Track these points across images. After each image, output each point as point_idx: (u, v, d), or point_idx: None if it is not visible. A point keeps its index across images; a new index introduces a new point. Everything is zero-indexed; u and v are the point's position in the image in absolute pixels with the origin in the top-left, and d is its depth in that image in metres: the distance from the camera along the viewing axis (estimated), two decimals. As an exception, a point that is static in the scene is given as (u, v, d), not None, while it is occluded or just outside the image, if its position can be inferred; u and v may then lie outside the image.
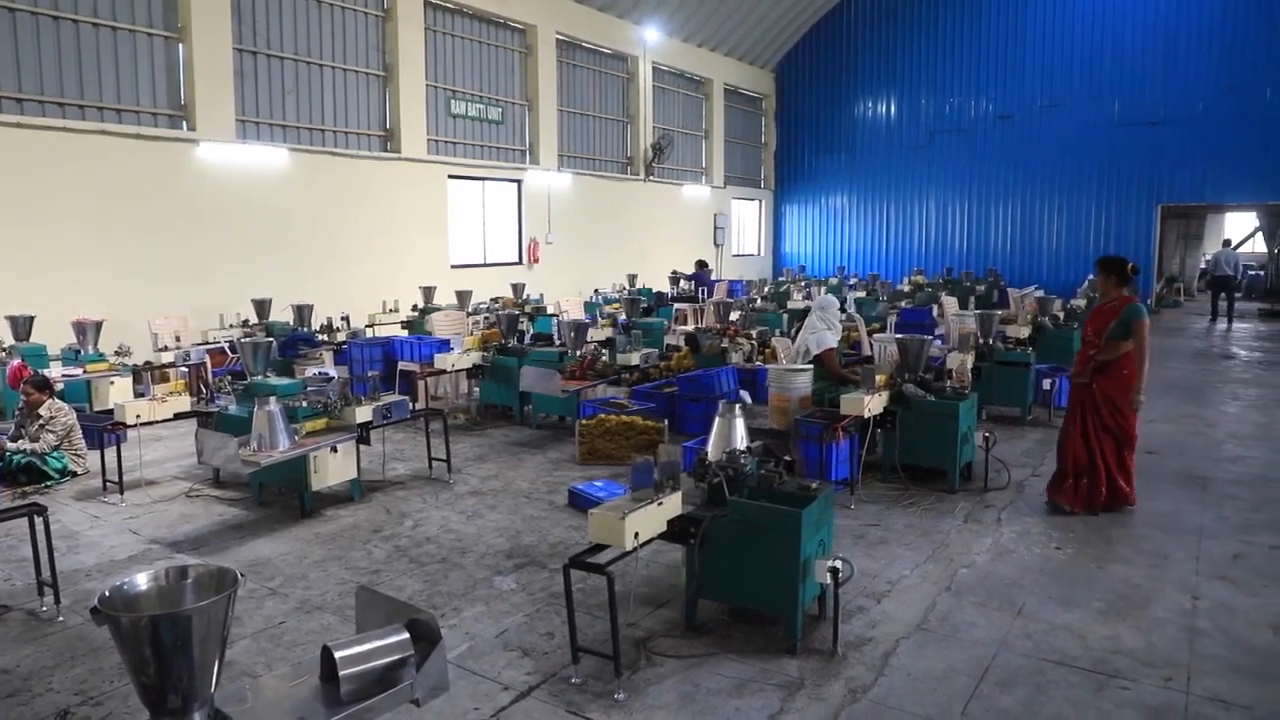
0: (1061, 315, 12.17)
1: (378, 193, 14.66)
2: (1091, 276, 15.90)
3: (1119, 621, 4.45)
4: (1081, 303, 14.31)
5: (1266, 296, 24.46)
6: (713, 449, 4.42)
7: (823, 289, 16.71)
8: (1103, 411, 6.04)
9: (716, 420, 4.46)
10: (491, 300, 14.56)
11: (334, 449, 6.18)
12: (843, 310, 9.75)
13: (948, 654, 4.11)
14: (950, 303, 14.14)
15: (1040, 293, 14.68)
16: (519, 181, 17.85)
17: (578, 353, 9.02)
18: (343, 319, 11.62)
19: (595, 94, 20.08)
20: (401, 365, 9.64)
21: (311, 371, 8.29)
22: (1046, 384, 8.88)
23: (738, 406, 4.47)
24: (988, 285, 18.28)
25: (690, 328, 12.82)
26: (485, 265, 17.27)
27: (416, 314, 13.13)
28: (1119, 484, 6.08)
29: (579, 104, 19.55)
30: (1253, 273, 26.44)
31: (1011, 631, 4.33)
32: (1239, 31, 19.86)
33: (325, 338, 10.88)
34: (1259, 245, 26.90)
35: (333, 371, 8.32)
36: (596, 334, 10.76)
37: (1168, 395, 10.52)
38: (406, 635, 2.16)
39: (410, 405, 6.95)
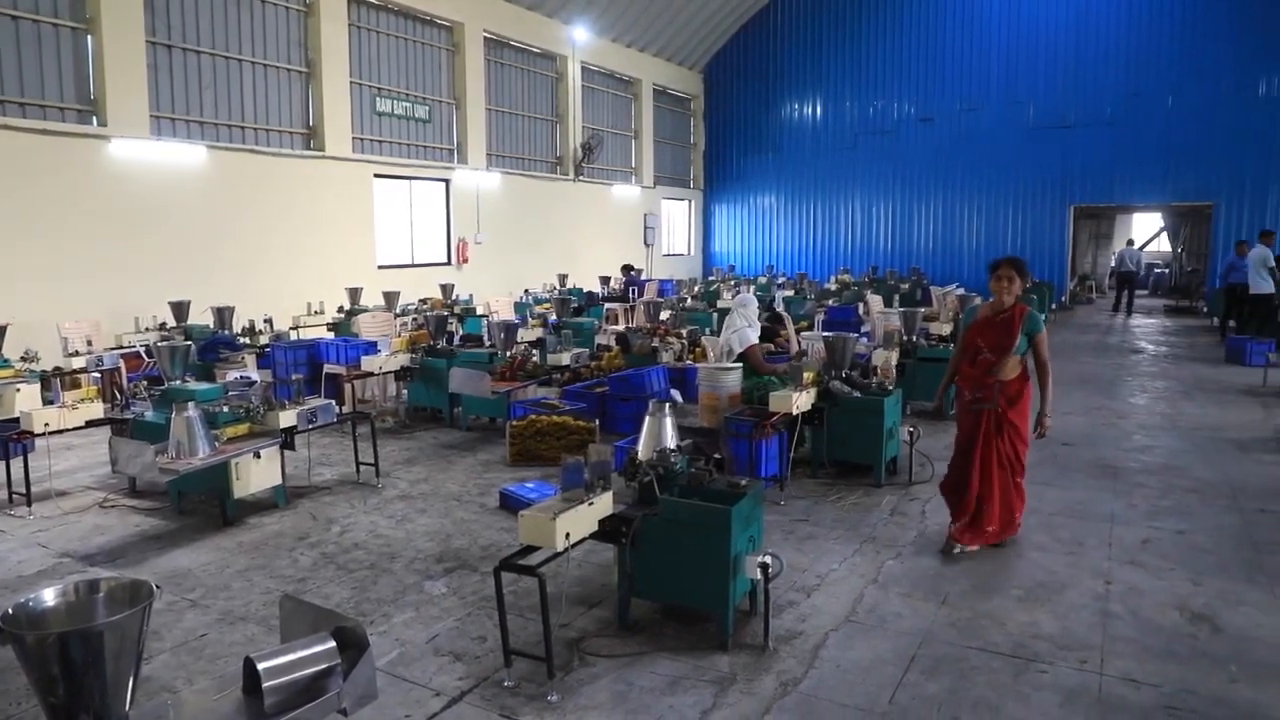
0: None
1: (301, 192, 14.33)
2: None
3: (1037, 607, 4.61)
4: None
5: (1171, 293, 25.67)
6: (643, 448, 4.43)
7: (751, 288, 16.93)
8: (1004, 439, 5.31)
9: (647, 419, 4.48)
10: (420, 301, 14.36)
11: (257, 455, 6.02)
12: (770, 309, 9.89)
13: (875, 644, 4.20)
14: (875, 301, 14.45)
15: (961, 290, 15.12)
16: (447, 181, 17.64)
17: (508, 353, 8.95)
18: (266, 321, 11.32)
19: (524, 93, 19.96)
20: (327, 368, 9.44)
21: (233, 376, 8.06)
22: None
23: (668, 405, 4.50)
24: (911, 284, 18.72)
25: (621, 327, 12.85)
26: (413, 266, 17.02)
27: (342, 316, 12.87)
28: (1017, 517, 5.49)
29: (508, 103, 19.41)
30: (1159, 270, 27.69)
31: (936, 620, 4.45)
32: (1142, 41, 20.73)
33: (247, 341, 10.58)
34: (1165, 244, 28.15)
35: (255, 375, 8.11)
36: (527, 334, 10.71)
37: (1081, 388, 10.93)
38: (333, 644, 2.12)
39: (336, 409, 6.81)
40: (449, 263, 17.80)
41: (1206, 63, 20.09)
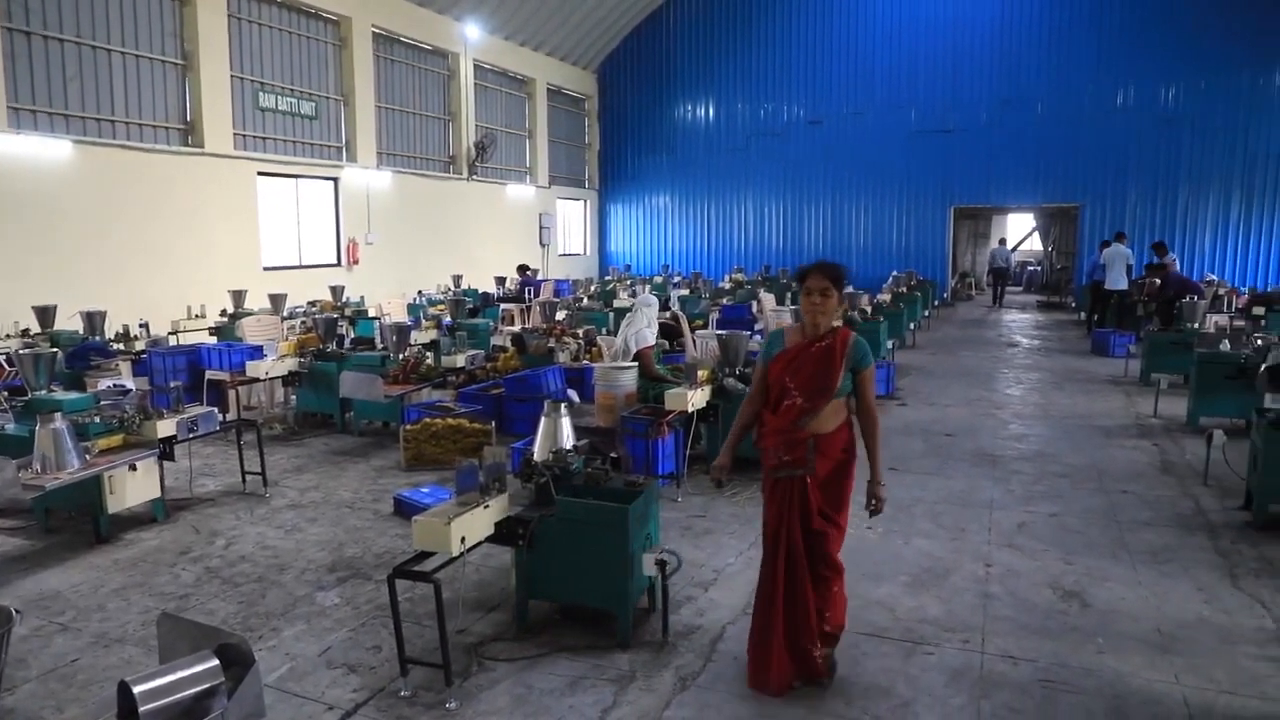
0: (869, 309, 12.98)
1: (179, 190, 13.66)
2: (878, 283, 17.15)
3: (923, 592, 4.81)
4: (887, 297, 15.33)
5: (1043, 290, 27.15)
6: (539, 449, 4.42)
7: (647, 288, 17.07)
8: (814, 518, 3.73)
9: (542, 420, 4.47)
10: (309, 303, 13.91)
11: (132, 467, 5.73)
12: (667, 308, 9.98)
13: (770, 636, 4.29)
14: (768, 299, 14.78)
15: (850, 288, 15.58)
16: (335, 179, 17.13)
17: (401, 356, 8.78)
18: (141, 326, 10.76)
19: (415, 90, 19.56)
20: (209, 374, 9.05)
21: (105, 384, 7.63)
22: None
23: (563, 406, 4.49)
24: (802, 282, 19.17)
25: (517, 328, 12.75)
26: (301, 267, 16.46)
27: (226, 320, 12.35)
28: (813, 658, 3.77)
29: (398, 100, 18.99)
30: (1031, 268, 29.25)
31: (828, 610, 4.58)
32: (1013, 50, 21.83)
33: (121, 347, 10.04)
34: (1038, 243, 29.73)
35: (130, 383, 7.71)
36: (420, 336, 10.51)
37: (962, 381, 11.45)
38: (216, 662, 2.04)
39: (220, 416, 6.54)
40: (339, 264, 17.29)
41: (1071, 74, 21.33)
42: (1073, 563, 5.21)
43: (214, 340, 11.39)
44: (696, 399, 6.50)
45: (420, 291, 17.16)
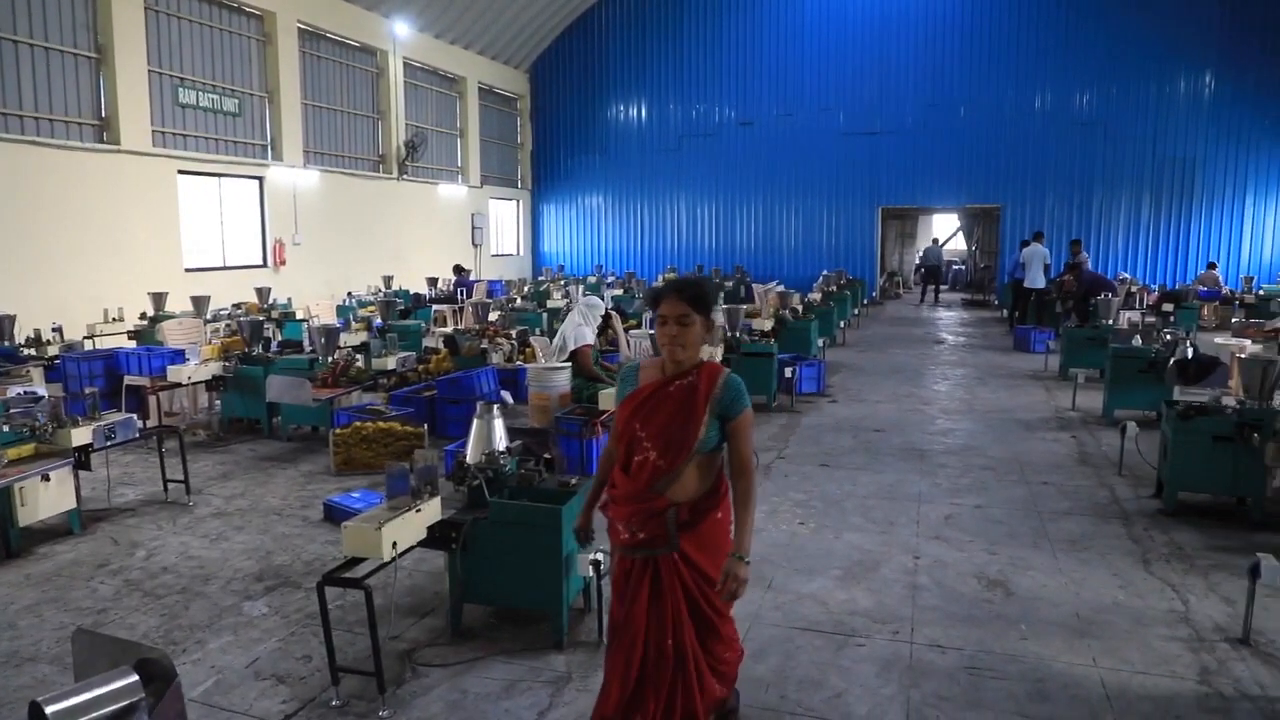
0: (800, 308, 13.17)
1: (94, 188, 13.16)
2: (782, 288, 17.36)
3: (854, 585, 4.90)
4: (817, 296, 15.58)
5: (968, 288, 27.92)
6: (472, 451, 4.38)
7: (581, 288, 17.05)
8: (683, 605, 2.98)
9: (474, 422, 4.43)
10: (233, 306, 13.54)
11: (45, 477, 5.50)
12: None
13: (706, 633, 4.33)
14: (702, 299, 14.83)
15: (781, 288, 15.84)
16: (260, 178, 16.70)
17: (330, 359, 8.60)
18: (55, 330, 10.33)
19: (343, 88, 19.18)
20: (128, 380, 8.75)
21: (14, 391, 7.30)
22: (788, 372, 9.59)
23: (496, 407, 4.46)
24: (735, 281, 19.41)
25: (449, 329, 12.61)
26: (225, 268, 16.01)
27: (145, 323, 11.95)
28: None
29: (326, 98, 18.60)
30: (957, 267, 30.05)
31: (763, 605, 4.64)
32: (938, 55, 22.42)
33: (32, 352, 9.63)
34: (963, 243, 30.56)
35: (42, 390, 7.38)
36: (350, 339, 10.32)
37: (891, 378, 11.69)
38: (135, 678, 1.97)
39: (139, 423, 6.32)
40: (265, 265, 16.87)
41: (992, 79, 22.00)
42: (997, 553, 5.37)
43: (133, 344, 11.01)
44: (631, 399, 6.51)
45: (350, 293, 16.86)
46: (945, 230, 31.04)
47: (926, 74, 22.51)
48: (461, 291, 16.99)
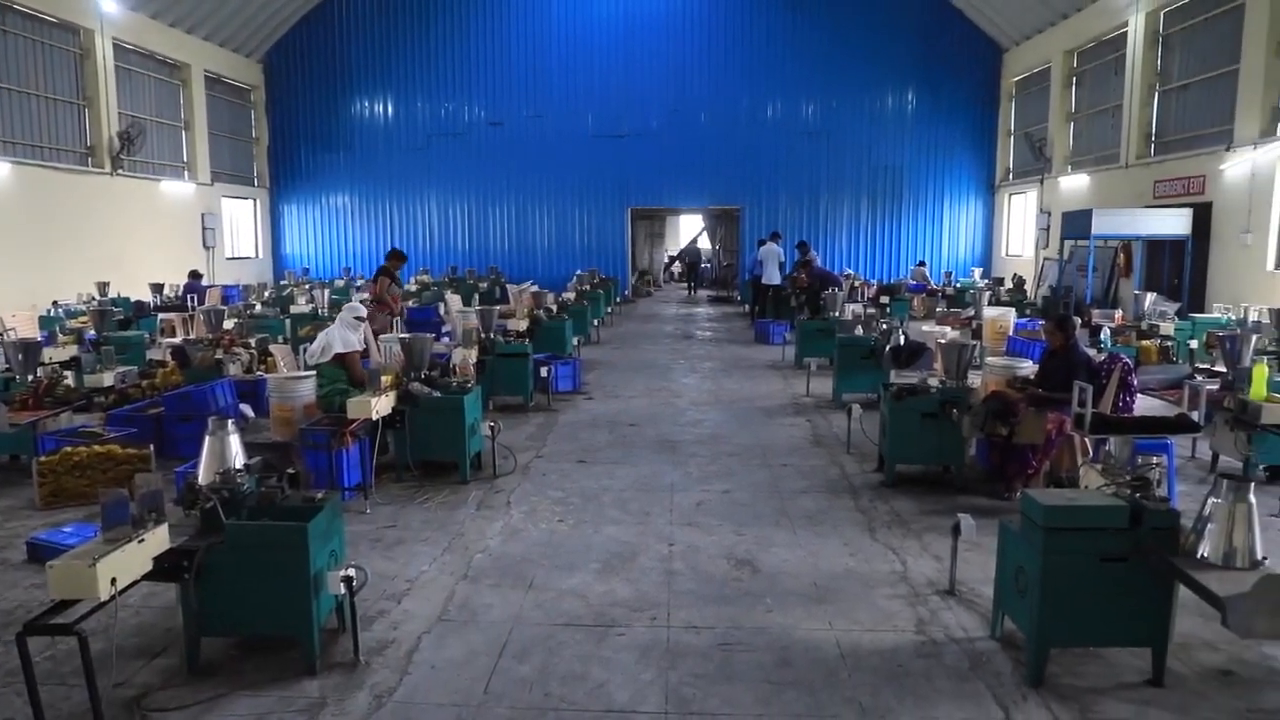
0: (555, 308, 13.32)
1: None
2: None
3: (613, 577, 5.03)
4: (571, 295, 15.82)
5: (713, 285, 29.51)
6: (204, 471, 4.04)
7: (327, 291, 16.22)
8: None
9: (207, 439, 4.09)
10: (-98, 320, 11.60)
11: None
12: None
13: (468, 639, 4.27)
14: (455, 300, 14.66)
15: (535, 288, 15.92)
16: (-67, 172, 14.42)
17: (30, 378, 7.60)
18: None
19: (39, 69, 16.91)
20: None
21: None
22: (544, 371, 9.65)
23: (230, 422, 4.14)
24: (490, 282, 19.27)
25: (178, 339, 11.55)
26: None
27: None
28: None
29: (18, 80, 16.32)
30: (704, 265, 31.70)
31: (525, 605, 4.65)
32: (679, 61, 23.51)
33: None
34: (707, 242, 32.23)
35: None
36: (57, 353, 9.18)
37: (644, 373, 12.10)
38: None
39: None
40: (-57, 272, 14.59)
41: (728, 86, 23.41)
42: (744, 534, 5.72)
43: None
44: (381, 405, 6.29)
45: (56, 302, 14.96)
46: (691, 230, 32.66)
47: (670, 81, 23.51)
48: (192, 298, 15.59)
